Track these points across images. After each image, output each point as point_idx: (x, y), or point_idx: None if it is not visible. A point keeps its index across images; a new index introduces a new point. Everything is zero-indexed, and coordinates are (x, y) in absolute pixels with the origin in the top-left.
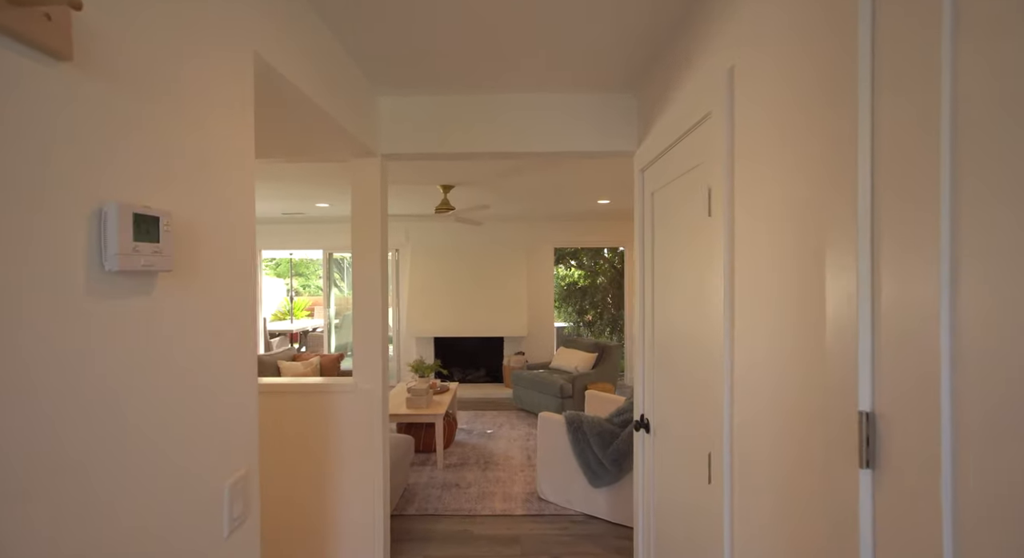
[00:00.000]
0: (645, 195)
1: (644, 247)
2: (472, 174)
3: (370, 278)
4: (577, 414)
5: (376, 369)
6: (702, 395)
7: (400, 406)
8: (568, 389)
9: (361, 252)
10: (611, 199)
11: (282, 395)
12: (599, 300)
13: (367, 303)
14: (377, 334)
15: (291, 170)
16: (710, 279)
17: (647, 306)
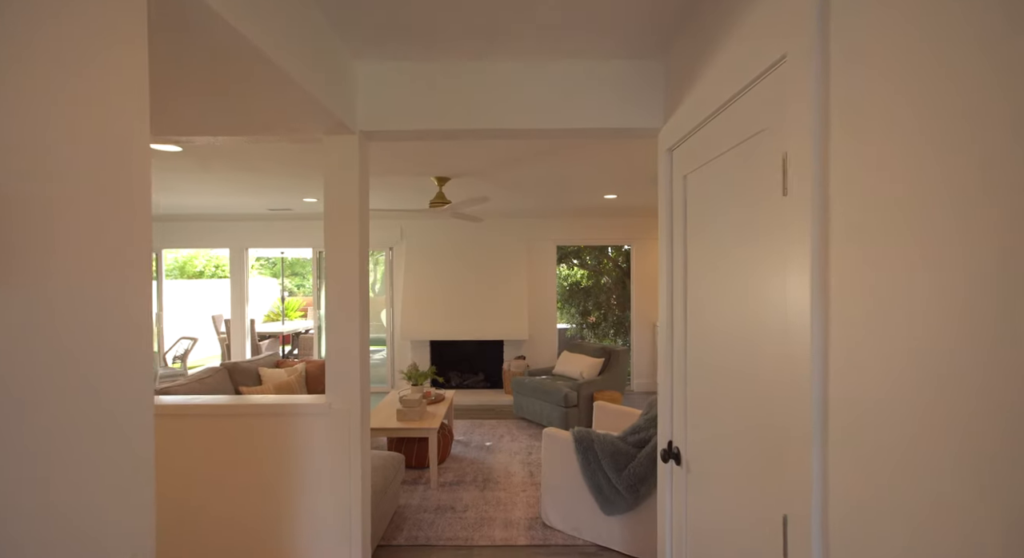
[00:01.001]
0: (675, 179)
1: (673, 239)
2: (469, 164)
3: (346, 279)
4: (587, 431)
5: (353, 386)
6: (768, 437)
7: (390, 418)
8: (573, 398)
9: (335, 248)
10: (618, 194)
11: (240, 418)
12: (603, 301)
13: (343, 309)
14: (354, 345)
15: (268, 159)
16: (782, 280)
17: (677, 310)
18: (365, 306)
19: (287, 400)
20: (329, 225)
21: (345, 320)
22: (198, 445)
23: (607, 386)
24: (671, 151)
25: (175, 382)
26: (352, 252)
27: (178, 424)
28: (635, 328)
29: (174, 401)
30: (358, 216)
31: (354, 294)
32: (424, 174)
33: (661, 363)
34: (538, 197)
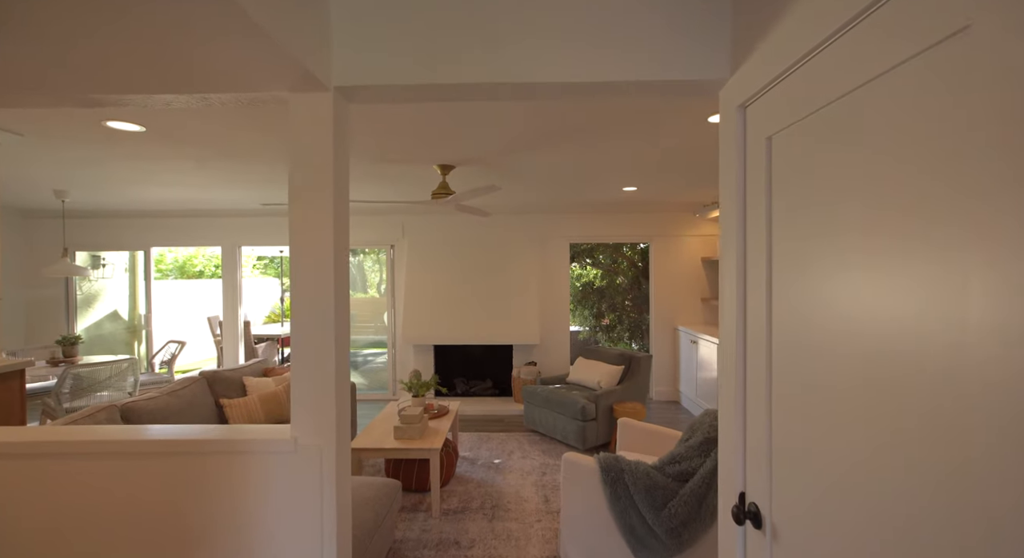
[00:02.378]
0: (750, 144)
1: (747, 225)
2: (476, 149)
3: (317, 280)
4: (615, 459)
5: (326, 416)
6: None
7: (387, 436)
8: (591, 410)
9: (303, 241)
10: (639, 186)
11: (179, 457)
12: (618, 302)
13: (312, 317)
14: (328, 363)
15: (252, 146)
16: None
17: (754, 319)
18: (343, 313)
19: (237, 434)
20: (295, 210)
21: (315, 331)
22: (113, 493)
23: (628, 397)
24: (743, 108)
25: (145, 394)
26: (324, 245)
27: (85, 466)
28: (655, 332)
29: (74, 436)
30: (332, 199)
31: (327, 299)
32: (426, 162)
33: (725, 390)
34: (550, 190)
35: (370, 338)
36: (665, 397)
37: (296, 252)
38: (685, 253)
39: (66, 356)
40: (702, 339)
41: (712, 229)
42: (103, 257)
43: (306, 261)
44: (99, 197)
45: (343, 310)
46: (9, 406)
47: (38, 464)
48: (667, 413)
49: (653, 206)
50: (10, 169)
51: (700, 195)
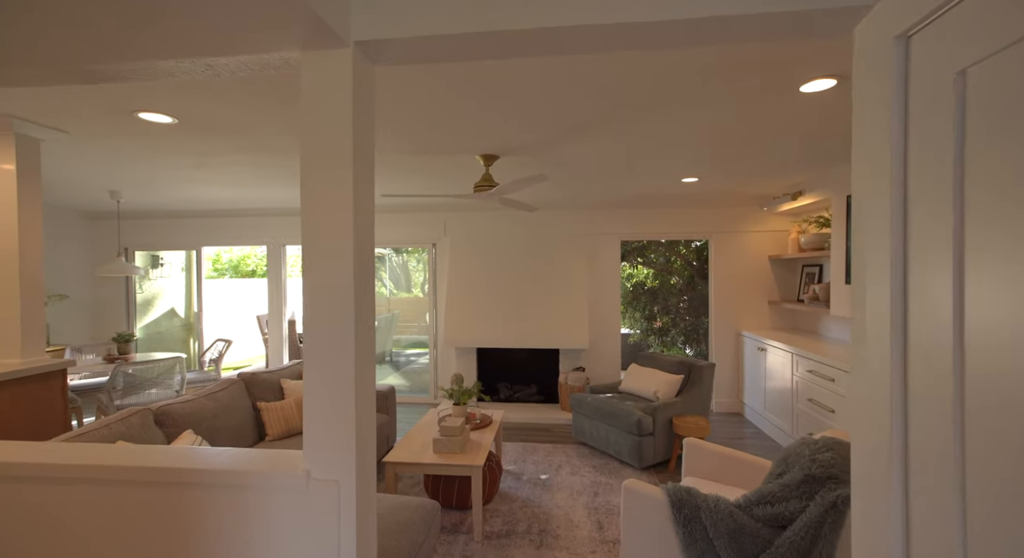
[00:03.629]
0: (918, 84)
1: (913, 195)
2: (522, 135)
3: (332, 280)
4: (687, 492)
5: (345, 446)
6: None
7: (425, 449)
8: (647, 424)
9: (316, 232)
10: (701, 176)
11: (159, 489)
12: (672, 304)
13: (328, 326)
14: (347, 383)
15: (282, 135)
16: None
17: (929, 328)
18: (366, 321)
19: (236, 463)
20: (307, 198)
21: (332, 344)
22: (73, 526)
23: (689, 410)
24: (906, 37)
25: (181, 397)
26: (341, 239)
27: (55, 493)
28: (715, 337)
29: (48, 457)
30: (352, 182)
31: (345, 304)
32: (467, 152)
33: (867, 439)
34: (602, 182)
35: (413, 338)
36: (726, 409)
37: (308, 246)
38: (750, 251)
39: (120, 353)
40: (771, 346)
41: (782, 224)
42: (161, 257)
43: (319, 257)
44: (151, 198)
45: (366, 317)
46: (51, 405)
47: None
48: (729, 427)
49: (714, 199)
50: (66, 170)
51: (770, 185)
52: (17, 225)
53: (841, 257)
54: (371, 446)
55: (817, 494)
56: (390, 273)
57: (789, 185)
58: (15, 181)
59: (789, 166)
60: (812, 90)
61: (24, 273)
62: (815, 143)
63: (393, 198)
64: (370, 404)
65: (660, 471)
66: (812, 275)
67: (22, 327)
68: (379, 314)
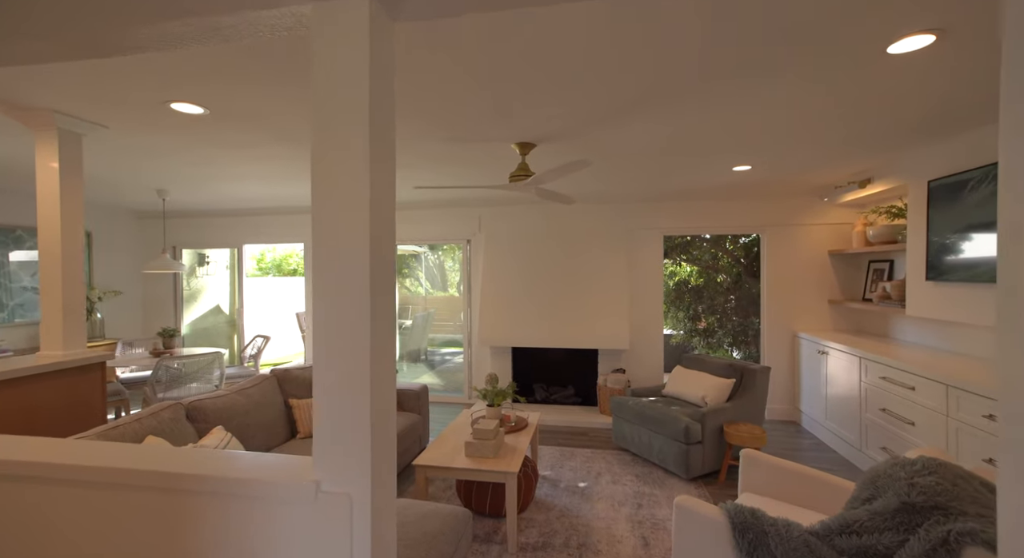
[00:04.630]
0: None
1: None
2: (560, 120)
3: (346, 273)
4: (751, 514)
5: (359, 454)
6: None
7: (457, 453)
8: (696, 431)
9: (329, 214)
10: (755, 163)
11: (162, 495)
12: (718, 304)
13: (340, 323)
14: (362, 385)
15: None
16: None
17: None
18: (385, 318)
19: (236, 471)
20: (318, 175)
21: (344, 343)
22: (76, 530)
23: (741, 417)
24: None
25: (214, 391)
26: (356, 223)
27: (46, 492)
28: (768, 339)
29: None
30: (368, 156)
31: (360, 297)
32: (502, 140)
33: None
34: (644, 172)
35: (448, 337)
36: (780, 416)
37: (320, 233)
38: (807, 246)
39: (165, 347)
40: (833, 349)
41: (845, 216)
42: (207, 255)
43: (332, 244)
44: (194, 196)
45: (384, 312)
46: (90, 397)
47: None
48: (785, 437)
49: (767, 190)
50: (112, 169)
51: (833, 173)
52: (60, 220)
53: (920, 250)
54: (389, 455)
55: (920, 527)
56: (426, 272)
57: (856, 172)
58: (58, 177)
59: (860, 149)
60: (903, 51)
61: (66, 267)
62: (896, 119)
63: (425, 193)
64: (388, 409)
65: (709, 483)
66: (881, 272)
67: (64, 320)
68: (415, 313)
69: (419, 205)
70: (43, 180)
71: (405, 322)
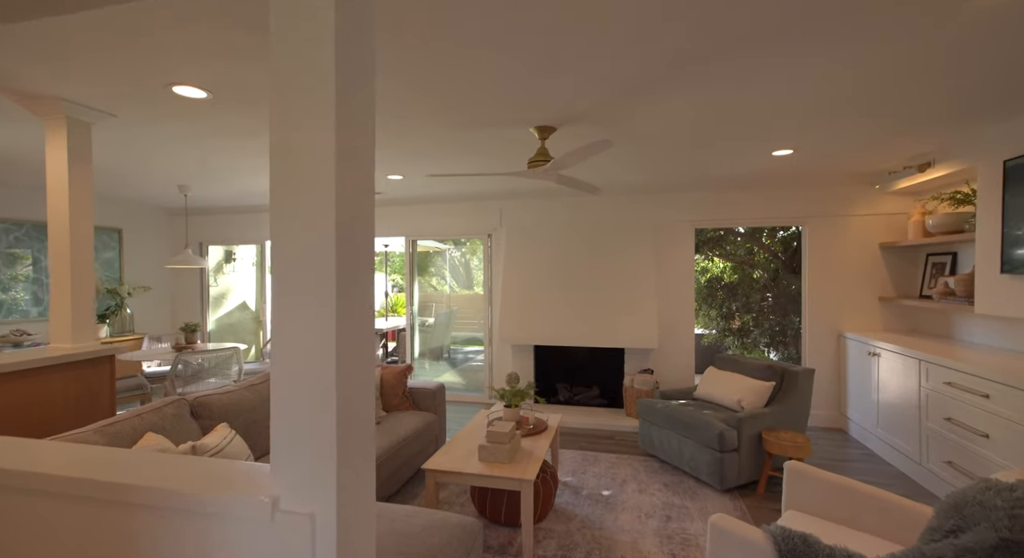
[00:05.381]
0: None
1: None
2: (580, 95)
3: (306, 264)
4: (802, 540)
5: (323, 469)
6: None
7: (470, 457)
8: (731, 439)
9: (286, 199)
10: (797, 147)
11: (99, 507)
12: (754, 302)
13: (301, 309)
14: (327, 385)
15: None
16: None
17: None
18: (359, 317)
19: (176, 480)
20: (274, 154)
21: (303, 344)
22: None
23: (781, 423)
24: None
25: (222, 387)
26: (319, 211)
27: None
28: (810, 339)
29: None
30: (333, 135)
31: (324, 294)
32: (520, 124)
33: None
34: (675, 159)
35: (469, 335)
36: (824, 423)
37: (277, 222)
38: (855, 238)
39: (187, 342)
40: (886, 350)
41: (899, 205)
42: (234, 252)
43: (288, 235)
44: (215, 191)
45: (355, 312)
46: (99, 390)
47: None
48: (830, 446)
49: (810, 177)
50: (134, 163)
51: (887, 156)
52: (68, 211)
53: (994, 240)
54: (362, 470)
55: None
56: (451, 270)
57: (914, 155)
58: (67, 167)
59: (921, 126)
60: None
61: (75, 258)
62: (971, 87)
63: (444, 187)
64: (361, 417)
65: (746, 495)
66: (941, 265)
67: (73, 312)
68: (439, 310)
69: (438, 199)
70: (52, 170)
71: (428, 320)
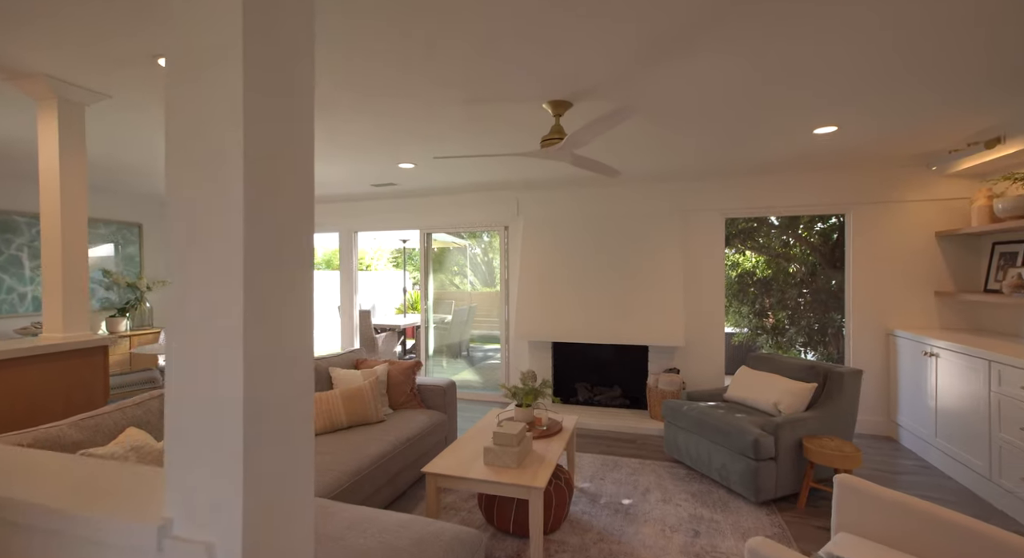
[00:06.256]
0: None
1: None
2: (599, 68)
3: (205, 251)
4: None
5: (227, 488)
6: None
7: (475, 460)
8: (768, 446)
9: (181, 171)
10: (842, 123)
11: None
12: (790, 298)
13: (202, 292)
14: (232, 390)
15: None
16: None
17: None
18: (283, 315)
19: (52, 495)
20: (168, 114)
21: (203, 326)
22: None
23: (825, 429)
24: None
25: None
26: (221, 186)
27: None
28: (855, 337)
29: None
30: (241, 84)
31: (229, 287)
32: (531, 98)
33: None
34: (704, 141)
35: (488, 333)
36: (871, 429)
37: (171, 199)
38: (907, 227)
39: None
40: (946, 350)
41: (958, 189)
42: None
43: (184, 215)
44: None
45: (278, 309)
46: (90, 382)
47: None
48: (879, 455)
49: (856, 159)
50: (148, 157)
51: (946, 133)
52: (60, 196)
53: None
54: (290, 491)
55: None
56: (473, 267)
57: (978, 131)
58: (58, 150)
59: (993, 94)
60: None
61: (67, 246)
62: None
63: (457, 177)
64: (286, 427)
65: (784, 509)
66: (1012, 256)
67: (64, 301)
68: (458, 307)
69: (452, 190)
70: (44, 154)
71: (445, 317)
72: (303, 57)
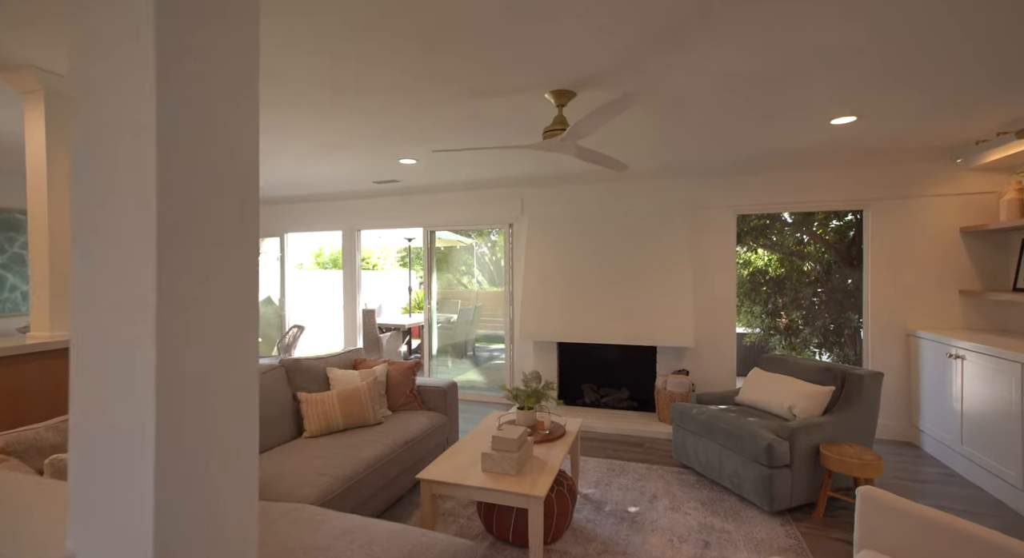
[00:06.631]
0: None
1: None
2: (604, 56)
3: (108, 232)
4: None
5: (134, 516)
6: None
7: (472, 466)
8: (782, 452)
9: (87, 134)
10: (862, 112)
11: None
12: (804, 297)
13: (105, 307)
14: (143, 405)
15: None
16: None
17: None
18: (210, 312)
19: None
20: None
21: (109, 339)
22: None
23: (843, 435)
24: None
25: None
26: (130, 154)
27: None
28: (873, 339)
29: None
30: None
31: (139, 280)
32: (533, 88)
33: None
34: (714, 130)
35: (493, 333)
36: (891, 435)
37: (77, 172)
38: (929, 222)
39: None
40: (973, 352)
41: (985, 182)
42: (261, 247)
43: (88, 189)
44: None
45: (202, 304)
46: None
47: None
48: (900, 463)
49: (875, 151)
50: None
51: (973, 122)
52: (46, 191)
53: None
54: (220, 519)
55: None
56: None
57: (1008, 120)
58: (44, 144)
59: (1018, 81)
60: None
61: (53, 241)
62: None
63: (461, 173)
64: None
65: (800, 519)
66: None
67: (50, 300)
68: (464, 306)
69: (456, 187)
70: (31, 148)
71: (451, 317)
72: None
